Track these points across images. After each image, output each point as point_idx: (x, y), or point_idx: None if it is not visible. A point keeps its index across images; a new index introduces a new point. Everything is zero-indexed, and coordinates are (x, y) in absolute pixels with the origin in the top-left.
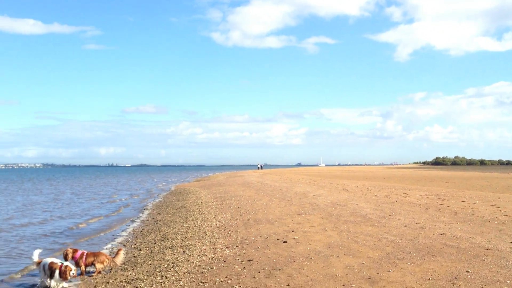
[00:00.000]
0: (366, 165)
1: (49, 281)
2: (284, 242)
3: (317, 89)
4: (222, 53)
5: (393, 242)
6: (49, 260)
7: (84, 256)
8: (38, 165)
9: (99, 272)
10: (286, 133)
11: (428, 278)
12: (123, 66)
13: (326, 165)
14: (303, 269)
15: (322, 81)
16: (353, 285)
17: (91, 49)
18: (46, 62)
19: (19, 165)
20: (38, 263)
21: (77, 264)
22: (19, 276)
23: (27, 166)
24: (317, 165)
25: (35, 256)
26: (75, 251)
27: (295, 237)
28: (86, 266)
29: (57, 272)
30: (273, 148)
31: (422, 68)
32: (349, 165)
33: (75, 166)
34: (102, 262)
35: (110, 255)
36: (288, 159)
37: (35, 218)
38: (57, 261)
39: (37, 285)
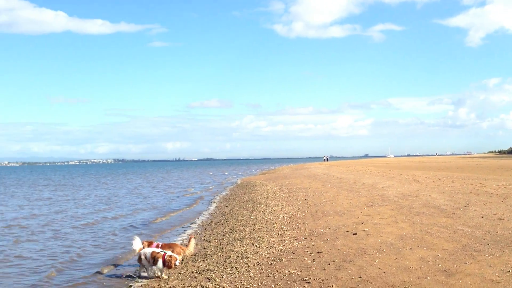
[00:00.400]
0: (438, 155)
1: (150, 270)
2: (353, 234)
3: (384, 78)
4: (285, 45)
5: (469, 233)
6: (150, 249)
7: (160, 248)
8: (109, 161)
9: (180, 263)
10: (352, 124)
11: (508, 270)
12: (188, 62)
13: (394, 156)
14: (375, 261)
15: (389, 70)
16: (428, 278)
17: (157, 47)
18: (114, 61)
19: (92, 161)
20: (138, 252)
21: None
22: (111, 268)
23: (99, 161)
24: (385, 156)
25: (135, 245)
26: (150, 243)
27: (365, 229)
28: None
29: (160, 261)
30: (338, 139)
31: (496, 52)
32: (419, 155)
33: (144, 161)
34: (179, 253)
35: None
36: (354, 151)
37: (117, 211)
38: (159, 250)
39: (135, 274)
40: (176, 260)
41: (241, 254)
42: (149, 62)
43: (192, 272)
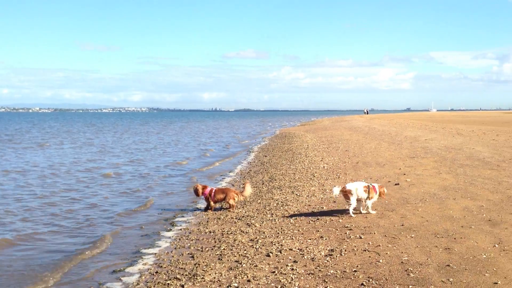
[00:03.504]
0: (482, 110)
1: (365, 203)
2: (396, 184)
3: (426, 31)
4: None
5: None
6: (355, 184)
7: (213, 193)
8: (144, 109)
9: (234, 207)
10: (393, 77)
11: None
12: (222, 10)
13: (437, 110)
14: (417, 210)
15: (431, 23)
16: (472, 227)
17: None
18: (145, 7)
19: (126, 109)
20: (342, 190)
21: (207, 200)
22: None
23: (133, 110)
24: (427, 110)
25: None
26: (204, 187)
27: (408, 180)
28: (215, 202)
29: (374, 194)
30: (379, 93)
31: None
32: (463, 110)
33: (180, 110)
34: (233, 198)
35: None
36: (395, 104)
37: (171, 157)
38: (366, 184)
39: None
40: (382, 187)
41: (281, 202)
42: (182, 10)
43: (231, 217)
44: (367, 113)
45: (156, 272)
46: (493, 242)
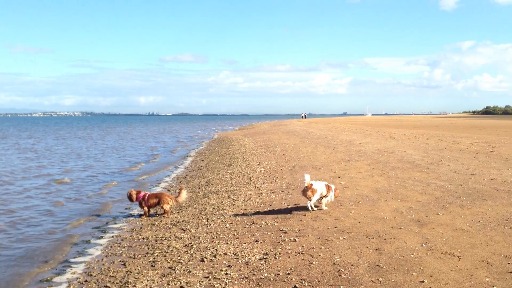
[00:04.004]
0: (414, 114)
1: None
2: None
3: (361, 38)
4: (261, 1)
5: (442, 187)
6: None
7: (147, 198)
8: (76, 114)
9: (169, 212)
10: (330, 82)
11: (478, 220)
12: (159, 13)
13: (372, 115)
14: (350, 212)
15: (366, 30)
16: (402, 227)
17: None
18: (77, 8)
19: (58, 113)
20: (308, 187)
21: (140, 205)
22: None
23: (65, 114)
24: (363, 115)
25: (307, 179)
26: (138, 192)
27: (342, 183)
28: (149, 207)
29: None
30: (317, 97)
31: (470, 16)
32: (396, 114)
33: (115, 114)
34: (167, 203)
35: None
36: (333, 109)
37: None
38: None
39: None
40: (337, 190)
41: (217, 206)
42: (117, 11)
43: (166, 223)
44: (305, 117)
45: (86, 281)
46: (421, 242)
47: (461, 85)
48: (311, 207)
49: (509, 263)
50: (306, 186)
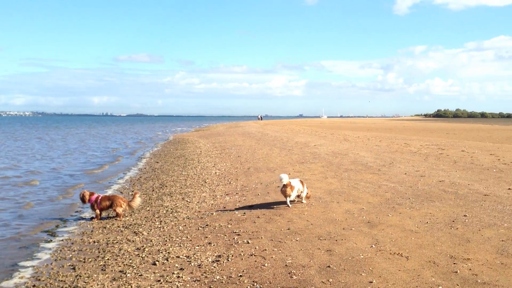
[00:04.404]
0: (368, 117)
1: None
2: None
3: (317, 41)
4: (218, 1)
5: (392, 188)
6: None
7: (99, 200)
8: (27, 113)
9: (121, 215)
10: (287, 84)
11: (426, 221)
12: (113, 11)
13: (328, 117)
14: (304, 214)
15: (322, 33)
16: (353, 229)
17: None
18: (28, 6)
19: (7, 113)
20: (287, 185)
21: (92, 208)
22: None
23: (15, 114)
24: (319, 117)
25: (285, 179)
26: (91, 194)
27: None
28: (101, 210)
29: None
30: (273, 99)
31: (422, 21)
32: (351, 117)
33: (67, 115)
34: (120, 205)
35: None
36: (289, 111)
37: (50, 164)
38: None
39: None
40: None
41: (171, 209)
42: (69, 9)
43: (118, 226)
44: (261, 119)
45: (34, 286)
46: (371, 243)
47: (414, 88)
48: (289, 204)
49: (454, 263)
50: (284, 184)
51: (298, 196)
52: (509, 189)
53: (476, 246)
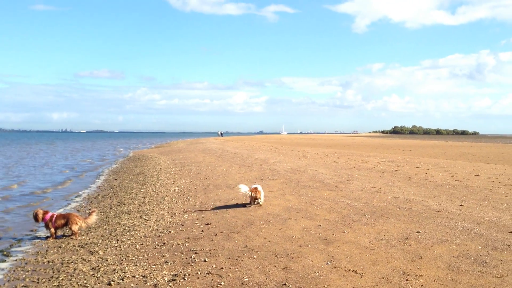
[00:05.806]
0: (327, 133)
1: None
2: (243, 206)
3: (278, 58)
4: (179, 18)
5: (349, 205)
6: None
7: (54, 219)
8: None
9: (77, 234)
10: (247, 100)
11: (381, 238)
12: (74, 28)
13: (288, 133)
14: (261, 231)
15: (283, 50)
16: (309, 246)
17: (40, 10)
18: None
19: None
20: (253, 190)
21: (47, 226)
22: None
23: None
24: (279, 133)
25: (243, 189)
26: (45, 212)
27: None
28: (56, 228)
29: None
30: (234, 115)
31: (380, 39)
32: (311, 133)
33: (25, 131)
34: (76, 223)
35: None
36: (250, 127)
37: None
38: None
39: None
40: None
41: (128, 227)
42: (30, 26)
43: (73, 245)
44: (221, 136)
45: None
46: (326, 260)
47: (372, 105)
48: (260, 203)
49: (407, 280)
50: (250, 189)
51: (256, 199)
52: (461, 205)
53: (428, 262)
